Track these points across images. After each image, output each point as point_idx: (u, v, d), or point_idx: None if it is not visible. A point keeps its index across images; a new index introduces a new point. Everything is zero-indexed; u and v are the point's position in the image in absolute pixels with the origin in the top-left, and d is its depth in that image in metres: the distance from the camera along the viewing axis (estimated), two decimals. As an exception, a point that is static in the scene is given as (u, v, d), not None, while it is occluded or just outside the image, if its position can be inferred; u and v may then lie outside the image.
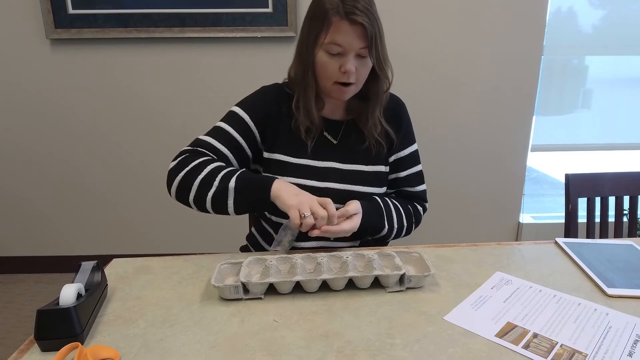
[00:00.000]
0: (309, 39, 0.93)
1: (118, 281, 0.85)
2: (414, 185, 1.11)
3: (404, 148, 1.09)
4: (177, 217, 2.26)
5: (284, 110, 1.02)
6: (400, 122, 1.08)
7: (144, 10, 1.95)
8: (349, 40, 0.89)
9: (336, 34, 0.89)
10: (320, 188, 0.99)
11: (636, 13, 2.14)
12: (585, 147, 2.37)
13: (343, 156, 1.03)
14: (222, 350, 0.64)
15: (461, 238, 2.31)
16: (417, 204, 1.12)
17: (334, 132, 1.04)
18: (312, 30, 0.93)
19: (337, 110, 1.05)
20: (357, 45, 0.89)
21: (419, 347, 0.65)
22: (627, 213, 1.34)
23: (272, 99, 1.04)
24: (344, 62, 0.91)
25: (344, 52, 0.90)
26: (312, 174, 1.00)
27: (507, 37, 2.05)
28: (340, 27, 0.88)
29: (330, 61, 0.92)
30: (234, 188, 0.89)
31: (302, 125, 0.99)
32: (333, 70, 0.92)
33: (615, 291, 0.79)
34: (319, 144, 1.02)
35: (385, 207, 1.02)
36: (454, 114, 2.15)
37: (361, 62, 0.93)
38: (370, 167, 1.04)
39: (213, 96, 2.09)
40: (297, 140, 1.01)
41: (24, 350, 0.65)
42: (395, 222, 1.03)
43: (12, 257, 2.31)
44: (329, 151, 1.03)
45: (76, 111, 2.11)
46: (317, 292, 0.79)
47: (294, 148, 1.01)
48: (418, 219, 1.12)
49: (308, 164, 1.01)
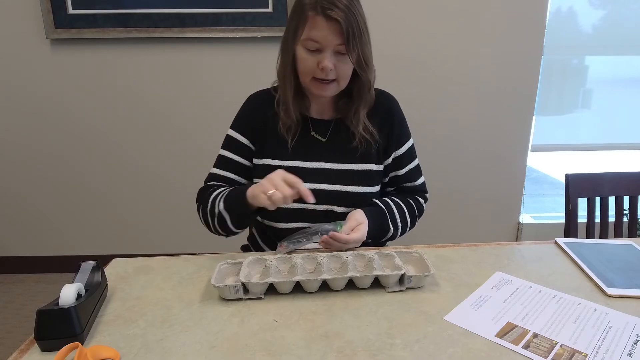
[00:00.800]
0: (289, 34, 0.94)
1: (118, 281, 0.85)
2: (413, 179, 1.11)
3: (401, 145, 1.08)
4: (177, 217, 2.26)
5: (269, 114, 1.02)
6: (393, 119, 1.06)
7: (144, 10, 1.95)
8: (324, 35, 0.88)
9: (312, 30, 0.89)
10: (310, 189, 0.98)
11: (636, 13, 2.14)
12: (585, 147, 2.37)
13: (332, 155, 1.02)
14: (222, 350, 0.64)
15: (461, 238, 2.31)
16: (418, 197, 1.12)
17: (323, 131, 1.04)
18: (291, 25, 0.93)
19: (326, 110, 1.05)
20: (334, 41, 0.89)
21: (419, 347, 0.65)
22: (627, 213, 1.34)
23: (257, 106, 1.05)
24: (321, 58, 0.91)
25: (321, 49, 0.90)
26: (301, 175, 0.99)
27: (507, 38, 2.05)
28: (316, 22, 0.88)
29: (309, 57, 0.92)
30: (224, 209, 0.94)
31: (284, 124, 1.00)
32: (311, 66, 0.92)
33: (615, 291, 0.79)
34: (308, 144, 1.02)
35: (388, 209, 1.02)
36: (454, 114, 2.15)
37: (341, 59, 0.92)
38: (360, 165, 1.02)
39: (213, 96, 2.09)
40: (283, 143, 1.01)
41: (24, 350, 0.65)
42: (399, 222, 1.03)
43: (12, 257, 2.31)
44: (318, 151, 1.02)
45: (76, 111, 2.11)
46: (317, 292, 0.79)
47: (280, 151, 1.01)
48: (421, 210, 1.12)
49: (296, 165, 1.00)
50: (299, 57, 0.93)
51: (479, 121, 2.16)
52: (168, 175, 2.20)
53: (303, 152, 1.01)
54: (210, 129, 2.13)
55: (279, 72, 1.00)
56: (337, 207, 1.01)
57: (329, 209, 1.00)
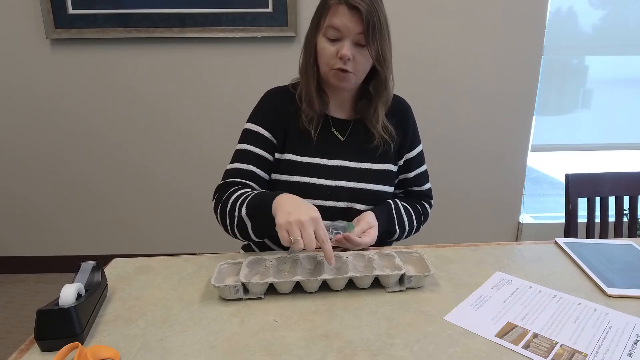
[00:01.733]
0: (312, 27, 0.97)
1: (118, 281, 0.85)
2: (421, 184, 1.14)
3: (413, 149, 1.11)
4: (177, 217, 2.26)
5: (292, 110, 1.03)
6: (408, 122, 1.10)
7: (144, 10, 1.95)
8: (345, 23, 0.90)
9: (333, 17, 0.91)
10: (331, 187, 1.00)
11: (636, 13, 2.14)
12: (585, 147, 2.37)
13: (352, 154, 1.03)
14: (222, 350, 0.64)
15: (461, 238, 2.31)
16: (424, 202, 1.15)
17: (342, 130, 1.05)
18: (314, 19, 0.96)
19: (345, 109, 1.06)
20: (354, 29, 0.90)
21: (419, 347, 0.65)
22: (627, 213, 1.34)
23: (278, 101, 1.05)
24: (340, 47, 0.92)
25: (341, 37, 0.92)
26: (323, 172, 1.01)
27: (507, 37, 2.05)
28: (338, 10, 0.90)
29: (329, 46, 0.93)
30: (246, 215, 0.91)
31: (306, 116, 1.00)
32: (331, 55, 0.93)
33: (615, 291, 0.79)
34: (328, 141, 1.03)
35: (397, 212, 1.04)
36: (454, 114, 2.15)
37: (359, 51, 0.93)
38: (379, 165, 1.04)
39: (213, 96, 2.09)
40: (305, 139, 1.02)
41: (24, 350, 0.65)
42: (406, 225, 1.06)
43: (12, 257, 2.31)
44: (338, 149, 1.03)
45: (76, 111, 2.11)
46: (317, 292, 0.79)
47: (302, 147, 1.02)
48: (426, 216, 1.15)
49: (318, 162, 1.01)
50: (320, 47, 0.95)
51: (479, 121, 2.16)
52: (168, 175, 2.20)
53: (324, 150, 1.02)
54: (210, 128, 2.13)
55: (301, 67, 1.01)
56: (358, 204, 1.02)
57: (350, 206, 1.01)
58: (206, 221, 2.24)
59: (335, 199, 1.00)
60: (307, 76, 0.99)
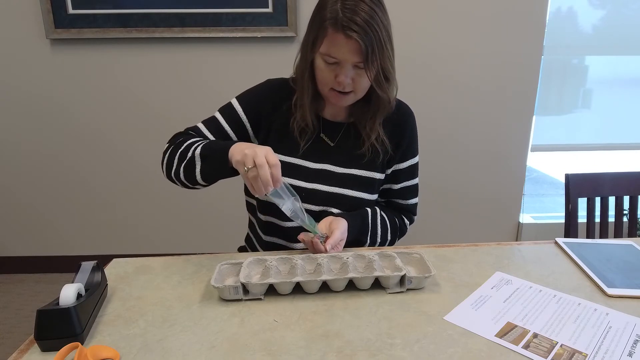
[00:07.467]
0: (308, 41, 0.92)
1: (118, 281, 0.85)
2: (406, 198, 1.10)
3: (404, 160, 1.07)
4: (177, 217, 2.26)
5: (284, 107, 1.01)
6: (404, 133, 1.05)
7: (144, 10, 1.95)
8: (343, 53, 0.86)
9: (331, 46, 0.87)
10: (307, 189, 0.98)
11: (636, 13, 2.14)
12: (585, 147, 2.37)
13: (339, 159, 1.01)
14: (222, 350, 0.64)
15: (461, 238, 2.31)
16: (404, 217, 1.11)
17: (332, 134, 1.03)
18: (311, 33, 0.91)
19: (339, 112, 1.04)
20: (352, 59, 0.87)
21: (419, 347, 0.65)
22: (627, 213, 1.34)
23: (273, 94, 1.03)
24: (339, 72, 0.89)
25: (340, 63, 0.89)
26: (302, 174, 0.99)
27: (507, 38, 2.05)
28: (335, 39, 0.86)
29: (326, 69, 0.90)
30: (199, 154, 0.90)
31: (297, 125, 0.99)
32: (329, 77, 0.91)
33: (615, 291, 0.79)
34: (315, 145, 1.01)
35: (373, 222, 1.02)
36: (454, 114, 2.15)
37: (359, 73, 0.90)
38: (364, 172, 1.01)
39: (213, 96, 2.08)
40: (291, 138, 1.00)
41: (24, 350, 0.65)
42: (378, 237, 1.03)
43: (12, 257, 2.31)
44: (325, 153, 1.01)
45: (76, 111, 2.11)
46: (317, 293, 0.79)
47: (287, 146, 1.00)
48: (403, 231, 1.11)
49: (300, 163, 1.00)
50: (317, 66, 0.92)
51: (478, 121, 2.16)
52: (168, 175, 2.20)
53: (309, 152, 1.00)
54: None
55: (298, 75, 0.99)
56: (334, 209, 1.00)
57: (325, 210, 1.00)
58: (206, 221, 2.25)
59: (311, 202, 0.98)
60: (302, 89, 0.96)
